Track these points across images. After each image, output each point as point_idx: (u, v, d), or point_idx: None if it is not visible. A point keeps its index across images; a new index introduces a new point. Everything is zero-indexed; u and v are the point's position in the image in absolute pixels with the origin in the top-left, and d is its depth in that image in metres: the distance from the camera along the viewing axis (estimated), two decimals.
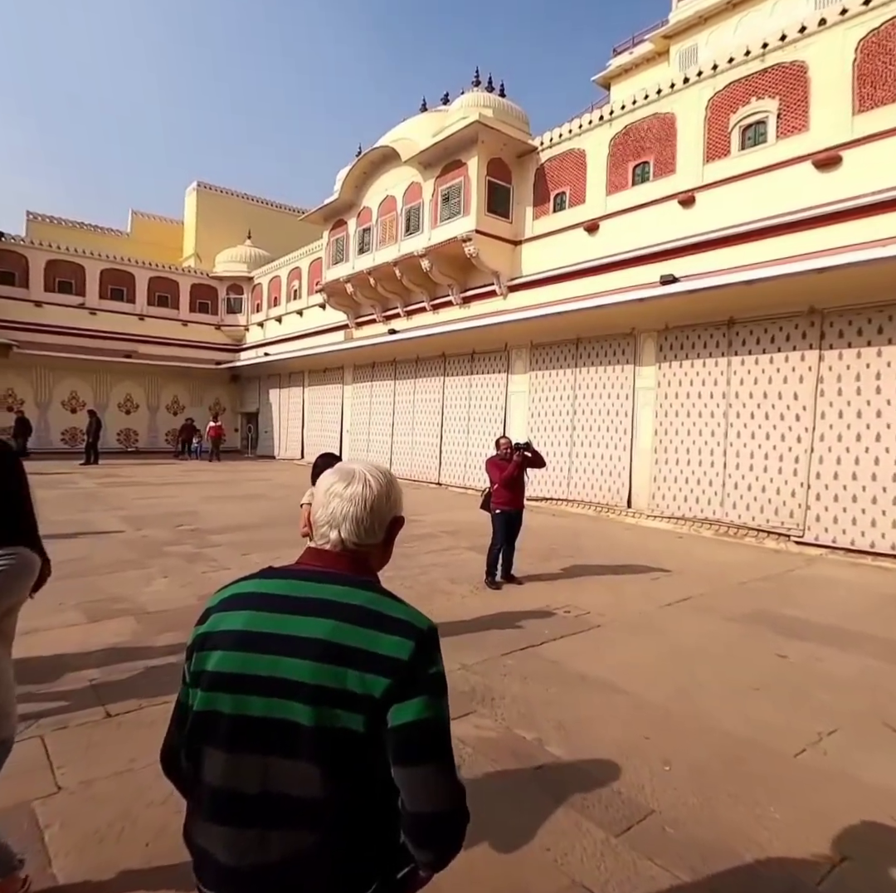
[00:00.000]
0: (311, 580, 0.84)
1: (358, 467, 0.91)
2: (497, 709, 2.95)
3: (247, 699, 0.79)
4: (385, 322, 15.03)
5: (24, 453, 16.44)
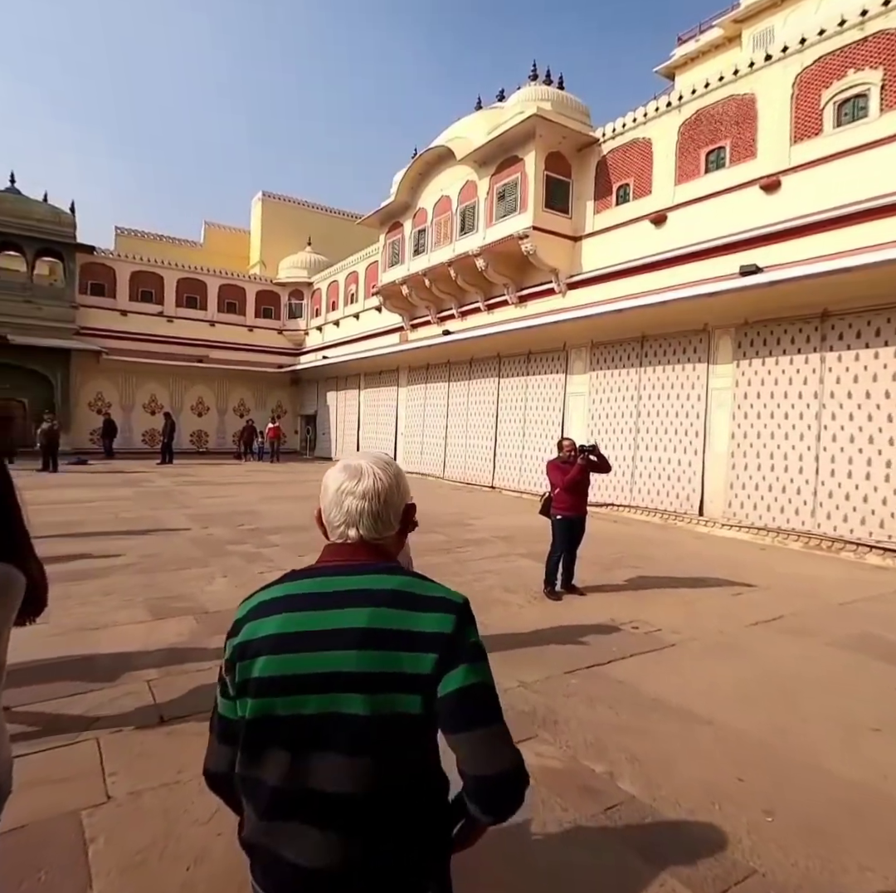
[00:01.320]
0: (339, 574, 0.85)
1: (363, 463, 0.91)
2: (561, 735, 2.69)
3: (299, 699, 0.79)
4: (439, 324, 14.98)
5: (111, 452, 17.72)
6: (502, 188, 11.99)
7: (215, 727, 0.89)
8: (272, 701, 0.79)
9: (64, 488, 10.72)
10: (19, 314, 17.26)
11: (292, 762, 0.79)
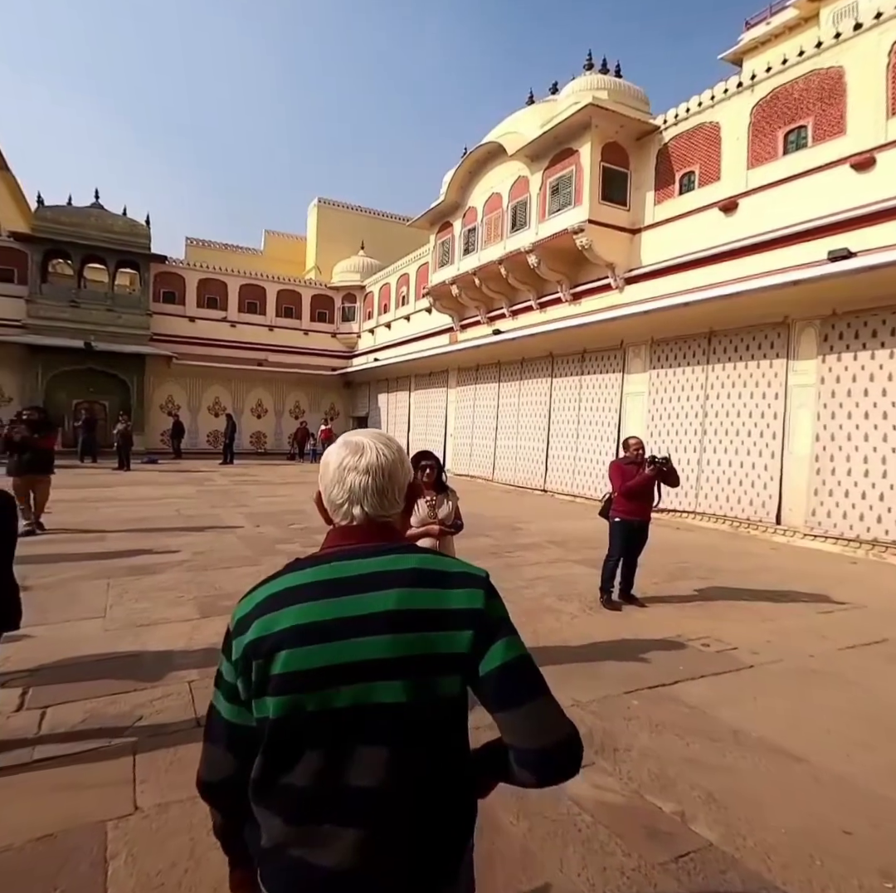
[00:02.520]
0: (353, 557, 0.80)
1: (364, 439, 0.86)
2: (622, 764, 2.43)
3: (331, 692, 0.74)
4: (489, 324, 14.79)
5: (179, 452, 18.72)
6: (556, 182, 11.66)
7: (218, 736, 0.81)
8: (299, 697, 0.74)
9: (136, 486, 11.35)
10: (102, 322, 18.58)
11: (326, 761, 0.75)
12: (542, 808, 2.11)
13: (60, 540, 6.18)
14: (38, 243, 17.94)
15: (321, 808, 0.75)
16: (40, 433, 6.67)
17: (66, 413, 18.07)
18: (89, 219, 18.51)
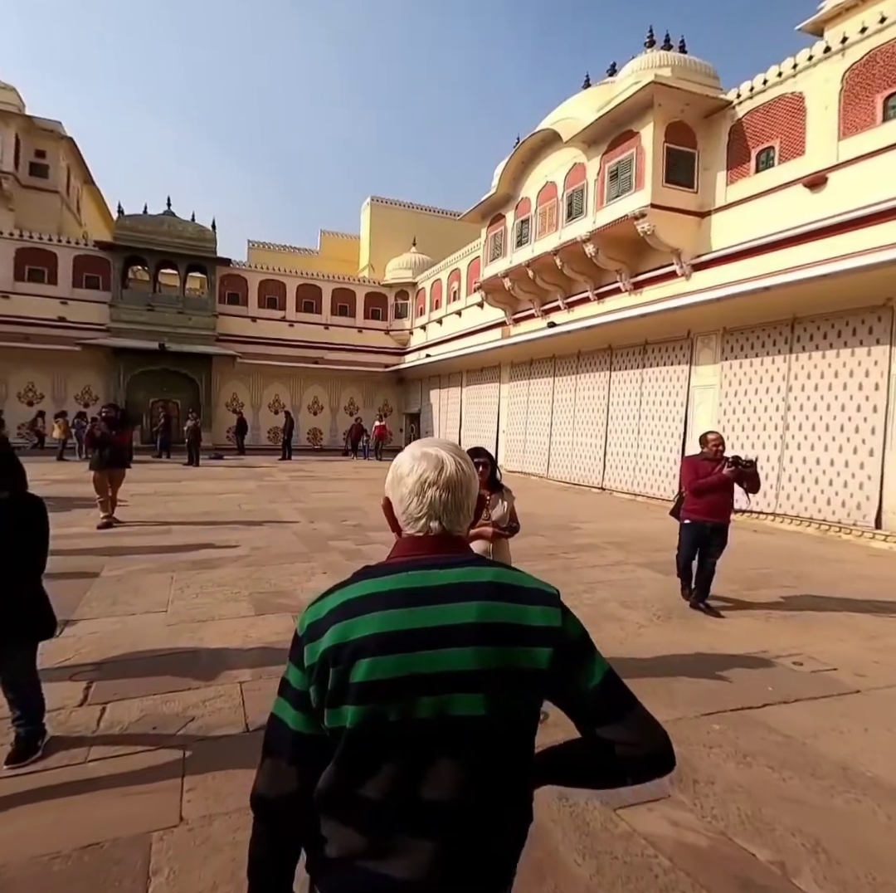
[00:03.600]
0: (428, 567, 0.80)
1: (442, 452, 0.86)
2: (703, 799, 2.16)
3: (412, 702, 0.74)
4: (543, 317, 14.39)
5: (242, 449, 19.56)
6: (615, 167, 11.13)
7: (282, 748, 0.78)
8: (380, 707, 0.73)
9: (202, 481, 11.89)
10: (174, 324, 19.70)
11: (402, 771, 0.74)
12: (612, 846, 1.90)
13: (132, 533, 6.50)
14: (118, 251, 19.25)
15: (396, 819, 0.75)
16: (117, 430, 7.07)
17: (144, 411, 19.29)
18: (163, 226, 19.65)
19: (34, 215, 19.40)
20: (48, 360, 18.51)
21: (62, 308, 18.69)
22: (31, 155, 19.83)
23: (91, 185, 24.55)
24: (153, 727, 2.47)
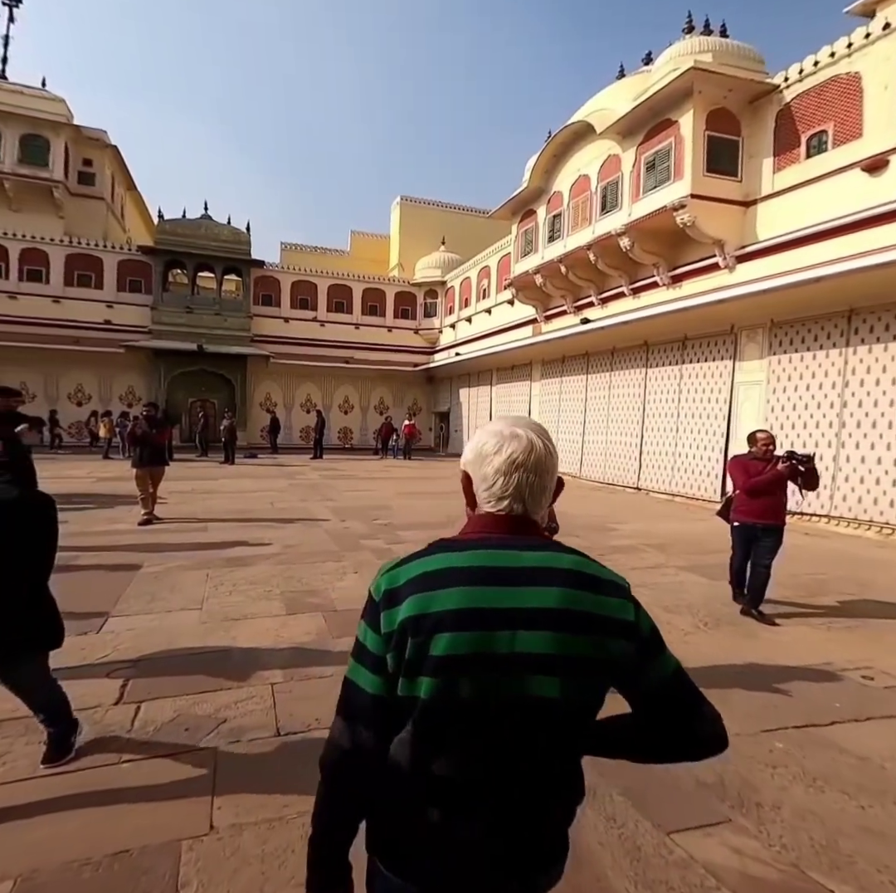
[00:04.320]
0: (510, 548, 0.80)
1: (530, 433, 0.85)
2: (770, 825, 1.97)
3: (488, 680, 0.74)
4: (576, 313, 14.10)
5: (276, 447, 19.89)
6: (652, 157, 10.79)
7: (357, 711, 0.79)
8: (456, 682, 0.74)
9: (237, 479, 12.11)
10: (211, 326, 20.24)
11: (473, 746, 0.76)
12: (666, 875, 1.75)
13: (171, 530, 6.62)
14: (159, 255, 19.89)
15: (462, 793, 0.76)
16: (157, 429, 7.23)
17: (183, 411, 19.87)
18: (200, 229, 20.21)
19: (82, 222, 20.24)
20: (95, 361, 19.28)
21: (108, 311, 19.43)
22: (79, 164, 20.67)
23: (134, 191, 25.45)
24: (186, 728, 2.45)
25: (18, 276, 18.51)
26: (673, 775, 2.23)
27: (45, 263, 18.82)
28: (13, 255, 18.45)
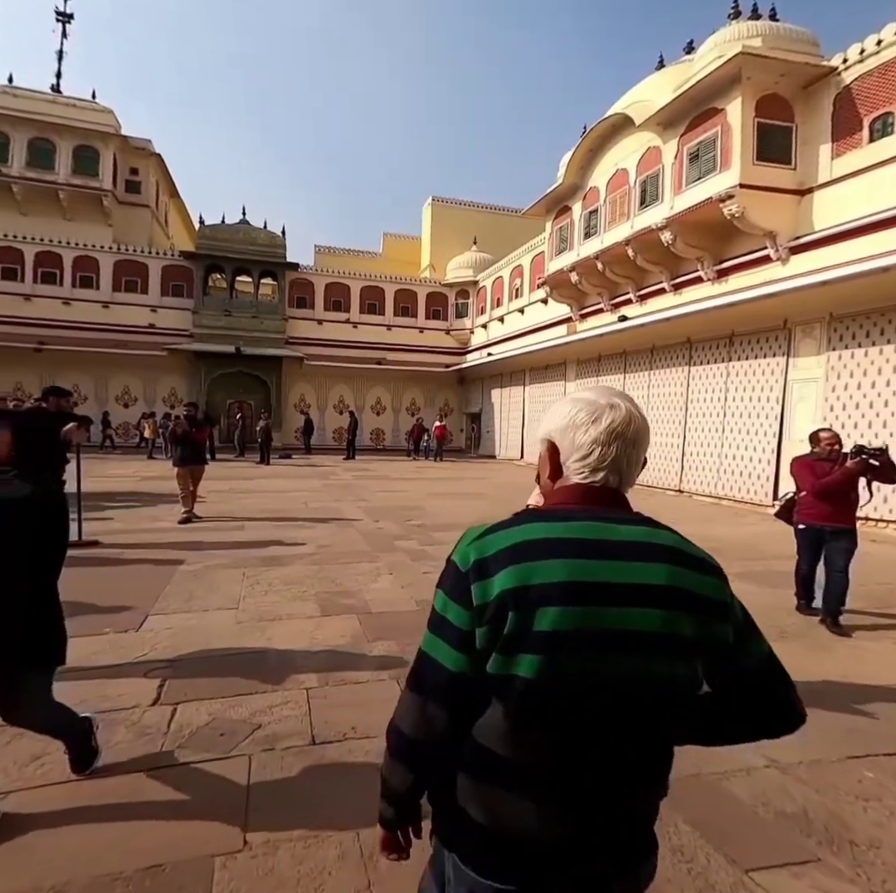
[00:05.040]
0: (606, 521, 0.77)
1: (627, 404, 0.82)
2: (868, 867, 1.73)
3: (596, 658, 0.71)
4: (613, 311, 13.71)
5: (309, 448, 20.15)
6: (695, 148, 10.39)
7: (434, 688, 0.75)
8: (563, 659, 0.70)
9: (273, 479, 12.26)
10: (248, 328, 20.70)
11: (573, 728, 0.72)
12: None
13: (209, 528, 6.70)
14: (200, 260, 20.49)
15: (557, 777, 0.73)
16: (196, 428, 7.35)
17: (222, 412, 20.36)
18: (238, 234, 20.71)
19: (129, 229, 21.05)
20: (140, 364, 20.00)
21: (152, 316, 20.13)
22: (126, 173, 21.50)
23: (177, 198, 26.33)
24: (221, 733, 2.37)
25: (72, 282, 19.38)
26: (746, 803, 2.03)
27: (96, 270, 19.65)
28: (67, 262, 19.34)
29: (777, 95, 9.39)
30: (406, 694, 0.78)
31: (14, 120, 19.15)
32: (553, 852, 0.73)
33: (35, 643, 1.77)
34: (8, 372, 18.35)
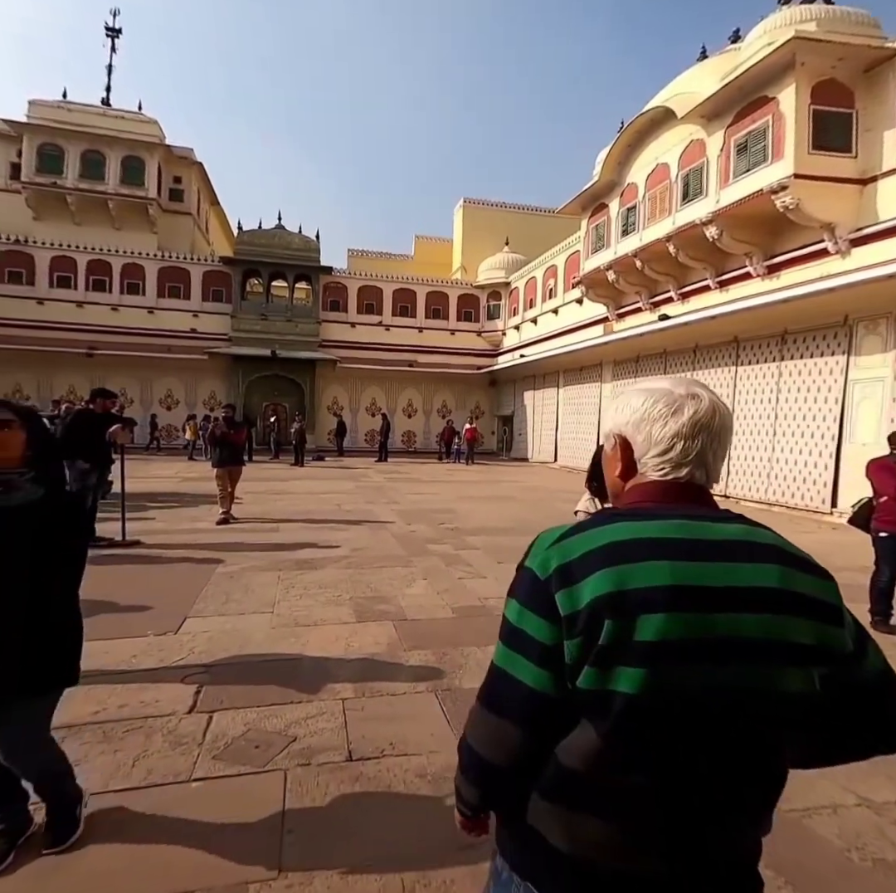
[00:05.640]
0: (701, 519, 0.70)
1: (707, 393, 0.77)
2: None
3: (710, 670, 0.64)
4: (652, 310, 13.29)
5: (342, 450, 20.35)
6: (743, 139, 9.95)
7: (513, 707, 0.68)
8: (671, 672, 0.63)
9: (306, 481, 12.39)
10: (283, 332, 21.09)
11: (679, 750, 0.64)
12: None
13: (246, 530, 6.75)
14: (238, 265, 21.04)
15: (662, 803, 0.65)
16: (234, 429, 7.45)
17: (258, 414, 20.81)
18: (274, 239, 21.15)
19: (171, 237, 21.79)
20: (182, 368, 20.65)
21: (193, 320, 20.76)
22: (170, 181, 22.27)
23: (217, 205, 27.11)
24: (256, 745, 2.30)
25: (120, 289, 20.20)
26: (835, 845, 1.82)
27: (142, 277, 20.42)
28: (116, 270, 20.17)
29: (835, 81, 8.90)
30: (479, 711, 0.72)
31: (68, 133, 20.12)
32: (646, 888, 0.67)
33: (36, 661, 1.50)
34: (63, 376, 19.31)
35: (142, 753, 2.14)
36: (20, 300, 19.08)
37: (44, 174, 19.93)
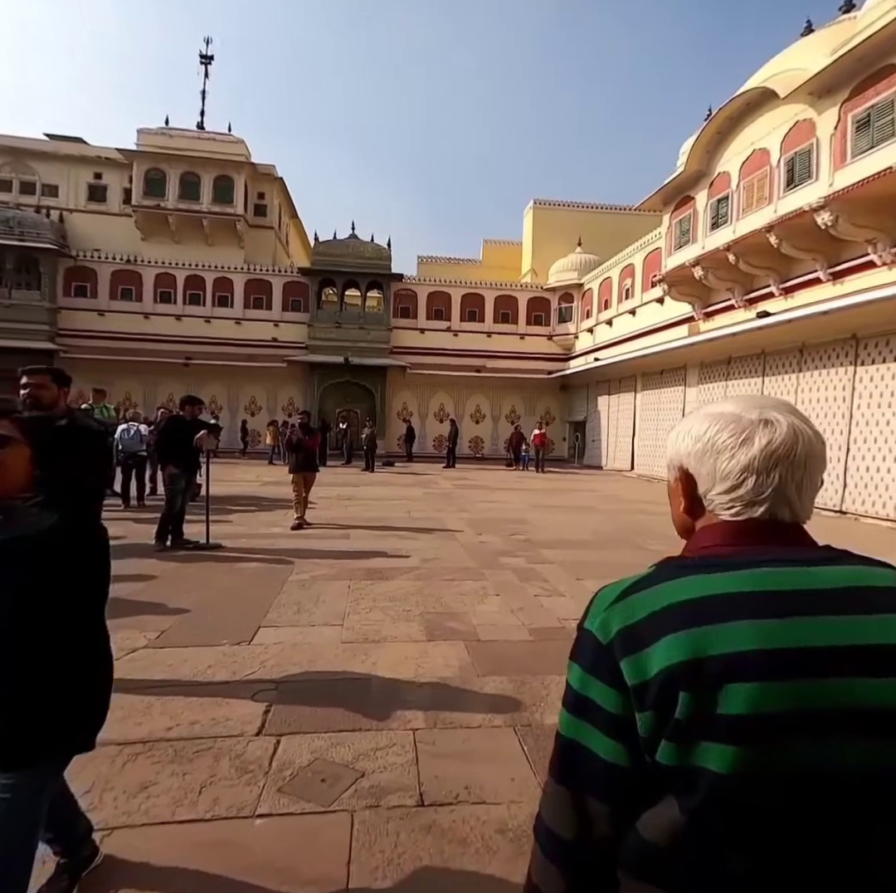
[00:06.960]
0: (795, 564, 0.61)
1: (787, 416, 0.66)
2: None
3: (822, 749, 0.54)
4: (748, 307, 12.18)
5: (411, 456, 20.52)
6: (864, 114, 8.92)
7: (592, 781, 0.60)
8: (772, 751, 0.54)
9: (376, 487, 12.52)
10: (355, 339, 21.72)
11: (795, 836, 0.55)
12: None
13: (317, 536, 6.81)
14: (315, 275, 21.93)
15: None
16: (309, 435, 7.60)
17: (332, 420, 21.51)
18: (348, 248, 21.86)
19: (256, 250, 23.17)
20: (264, 376, 21.83)
21: (275, 330, 21.88)
22: (255, 197, 23.68)
23: (296, 218, 28.52)
24: (322, 779, 2.14)
25: (212, 302, 21.72)
26: None
27: (231, 290, 21.83)
28: (209, 284, 21.73)
29: None
30: (553, 787, 0.66)
31: (170, 158, 21.99)
32: None
33: (19, 724, 1.22)
34: (163, 384, 21.09)
35: (209, 779, 2.04)
36: (130, 316, 21.08)
37: (149, 197, 21.91)
